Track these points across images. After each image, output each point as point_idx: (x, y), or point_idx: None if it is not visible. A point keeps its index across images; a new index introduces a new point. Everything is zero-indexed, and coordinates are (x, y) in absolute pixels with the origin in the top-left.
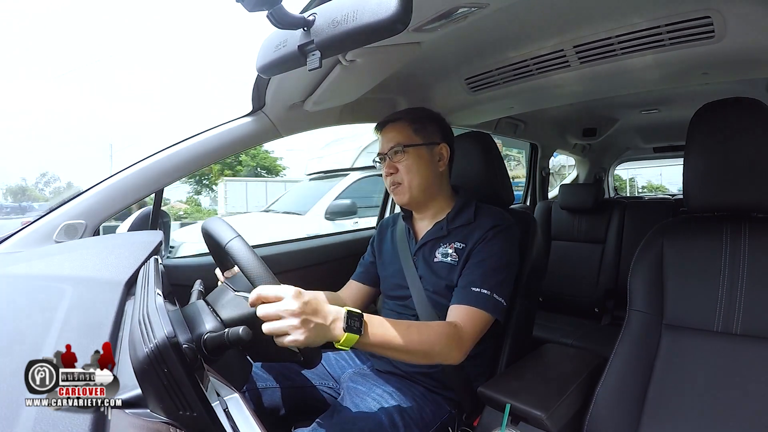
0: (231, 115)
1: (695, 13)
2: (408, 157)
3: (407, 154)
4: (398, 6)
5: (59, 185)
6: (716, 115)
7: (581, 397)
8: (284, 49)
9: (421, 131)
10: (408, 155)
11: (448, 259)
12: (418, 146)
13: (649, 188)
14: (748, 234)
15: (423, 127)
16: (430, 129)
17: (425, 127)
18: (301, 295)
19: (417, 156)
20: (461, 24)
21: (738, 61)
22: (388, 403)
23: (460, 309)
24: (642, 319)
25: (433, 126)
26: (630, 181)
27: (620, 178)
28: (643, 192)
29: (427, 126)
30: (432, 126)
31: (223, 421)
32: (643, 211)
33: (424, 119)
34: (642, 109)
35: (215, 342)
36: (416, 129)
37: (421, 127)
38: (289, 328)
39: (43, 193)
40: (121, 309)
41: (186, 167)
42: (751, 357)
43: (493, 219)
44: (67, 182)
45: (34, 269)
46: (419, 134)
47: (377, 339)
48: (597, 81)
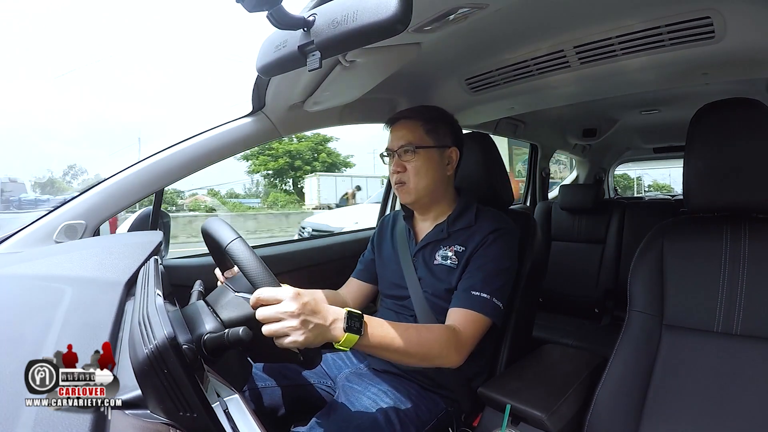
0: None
1: (695, 14)
2: (418, 158)
3: (417, 155)
4: (398, 6)
5: (87, 177)
6: (716, 115)
7: (581, 397)
8: (284, 49)
9: (433, 133)
10: (418, 156)
11: (448, 262)
12: (429, 148)
13: (654, 187)
14: (748, 234)
15: (435, 128)
16: (442, 131)
17: (438, 128)
18: (299, 296)
19: (427, 158)
20: (461, 24)
21: (738, 61)
22: (384, 401)
23: (460, 312)
24: (642, 319)
25: (446, 128)
26: (637, 180)
27: (629, 177)
28: (650, 191)
29: (440, 128)
30: (445, 128)
31: (223, 422)
32: (643, 212)
33: (437, 120)
34: (642, 110)
35: (215, 343)
36: (429, 130)
37: (434, 128)
38: (288, 330)
39: (71, 185)
40: (121, 309)
41: (186, 167)
42: (751, 357)
43: (493, 222)
44: (95, 174)
45: (34, 269)
46: (431, 135)
47: (377, 340)
48: (597, 81)
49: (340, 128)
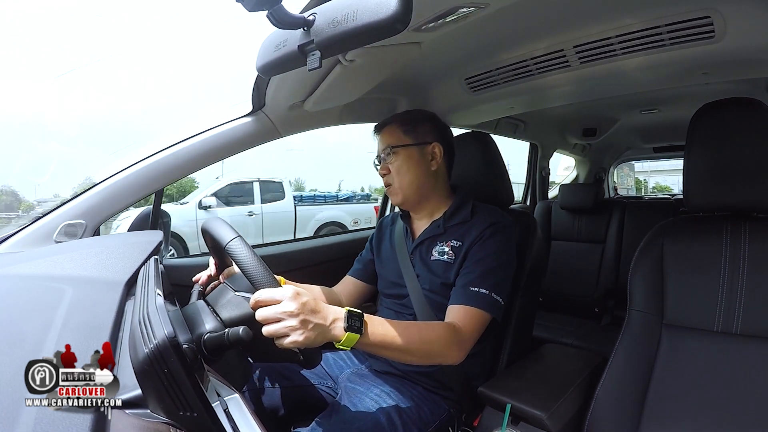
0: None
1: (695, 13)
2: (397, 158)
3: (397, 155)
4: (398, 6)
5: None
6: (716, 115)
7: (581, 396)
8: (284, 49)
9: (412, 132)
10: (398, 156)
11: (445, 257)
12: (408, 146)
13: (657, 188)
14: (748, 234)
15: (413, 128)
16: (421, 129)
17: (416, 128)
18: (299, 295)
19: (407, 156)
20: (461, 24)
21: (738, 61)
22: (386, 402)
23: (459, 309)
24: (642, 318)
25: (426, 126)
26: (644, 182)
27: (638, 180)
28: (653, 192)
29: (418, 126)
30: (424, 126)
31: (224, 422)
32: (643, 211)
33: (415, 120)
34: (642, 109)
35: (215, 342)
36: (406, 130)
37: (412, 128)
38: (288, 330)
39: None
40: (121, 309)
41: (186, 167)
42: (751, 356)
43: (489, 217)
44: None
45: (34, 269)
46: (409, 135)
47: (377, 339)
48: (597, 81)
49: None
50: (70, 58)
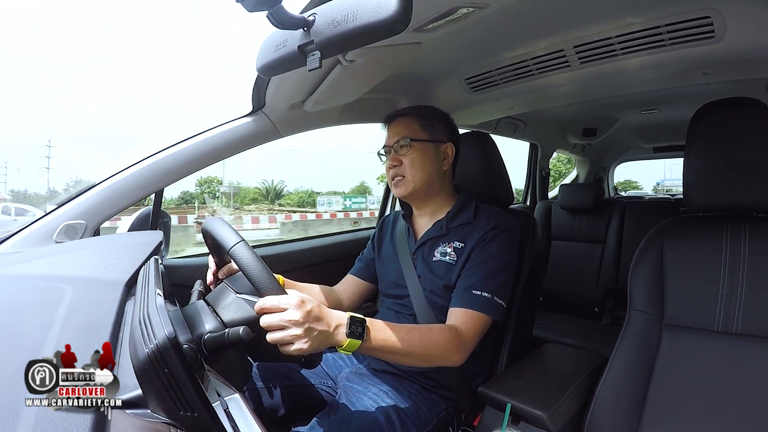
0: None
1: (695, 13)
2: (413, 151)
3: (413, 148)
4: (398, 6)
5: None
6: (716, 115)
7: (581, 396)
8: (284, 49)
9: (429, 128)
10: (414, 149)
11: (447, 258)
12: (425, 142)
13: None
14: (748, 234)
15: (431, 124)
16: (437, 127)
17: (433, 124)
18: (303, 303)
19: (422, 151)
20: (461, 24)
21: (738, 61)
22: (385, 401)
23: (461, 312)
24: (642, 318)
25: (441, 125)
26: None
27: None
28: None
29: (435, 124)
30: (440, 125)
31: (224, 422)
32: (643, 211)
33: (432, 117)
34: (642, 109)
35: (215, 342)
36: (424, 125)
37: (429, 124)
38: (293, 338)
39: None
40: (122, 309)
41: (186, 167)
42: (751, 356)
43: (492, 219)
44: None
45: (34, 269)
46: (426, 131)
47: (379, 343)
48: (597, 81)
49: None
50: (70, 58)
